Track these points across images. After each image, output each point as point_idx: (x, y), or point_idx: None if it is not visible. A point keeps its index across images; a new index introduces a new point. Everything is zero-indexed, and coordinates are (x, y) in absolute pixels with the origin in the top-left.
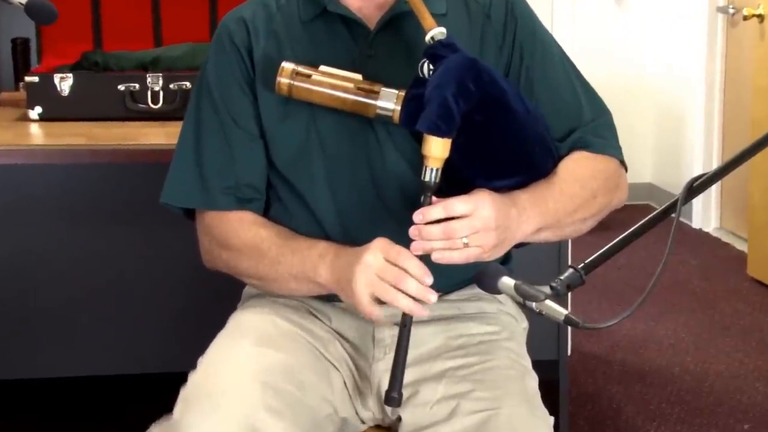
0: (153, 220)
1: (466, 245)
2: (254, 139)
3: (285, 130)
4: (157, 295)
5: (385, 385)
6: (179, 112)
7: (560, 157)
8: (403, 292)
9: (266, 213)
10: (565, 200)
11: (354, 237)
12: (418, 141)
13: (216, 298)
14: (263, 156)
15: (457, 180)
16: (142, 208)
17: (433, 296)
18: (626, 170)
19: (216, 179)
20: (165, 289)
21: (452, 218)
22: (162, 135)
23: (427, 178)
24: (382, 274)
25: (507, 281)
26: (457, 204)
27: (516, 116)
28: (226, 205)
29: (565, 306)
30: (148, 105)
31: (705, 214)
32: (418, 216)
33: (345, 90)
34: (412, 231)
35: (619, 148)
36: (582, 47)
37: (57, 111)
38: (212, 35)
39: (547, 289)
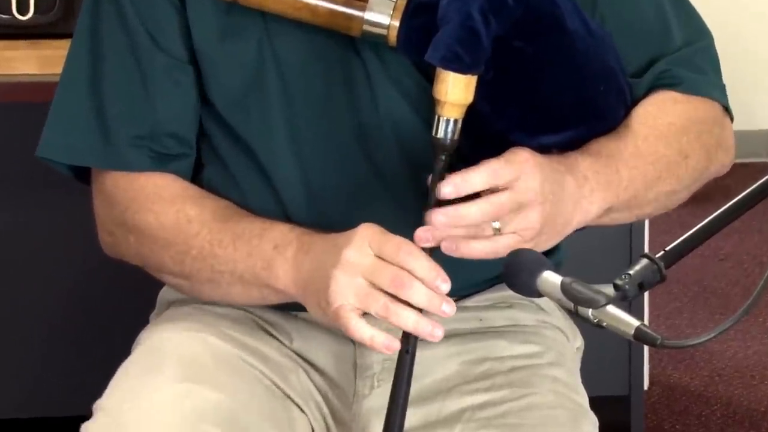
0: (20, 189)
1: (497, 231)
2: (180, 65)
3: (227, 54)
4: (26, 305)
5: None
6: (61, 26)
7: (635, 100)
8: (405, 303)
9: (196, 177)
10: (645, 165)
11: (329, 219)
12: (427, 76)
13: (120, 307)
14: (193, 91)
15: (484, 135)
16: (4, 171)
17: (449, 308)
18: (732, 120)
19: (122, 125)
20: (37, 294)
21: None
22: (34, 60)
23: (440, 134)
24: (375, 277)
25: (550, 278)
26: (478, 175)
27: (573, 40)
28: (136, 164)
29: (638, 315)
30: (13, 15)
31: None
32: (437, 215)
33: None
34: (422, 236)
35: (723, 88)
36: None
37: None
38: None
39: (610, 290)
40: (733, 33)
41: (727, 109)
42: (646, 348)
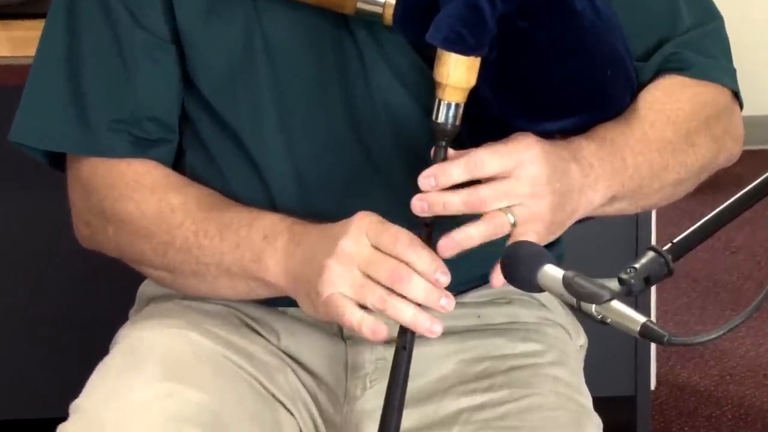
0: None
1: (513, 226)
2: (162, 44)
3: (212, 33)
4: None
5: None
6: (33, 5)
7: (641, 84)
8: (402, 296)
9: (177, 163)
10: (651, 152)
11: (320, 209)
12: (424, 57)
13: (97, 302)
14: (176, 73)
15: (485, 121)
16: None
17: (448, 302)
18: (742, 106)
19: (100, 108)
20: (6, 289)
21: (479, 181)
22: (5, 42)
23: (441, 119)
24: (371, 269)
25: (551, 272)
26: (488, 157)
27: (581, 21)
28: (115, 150)
29: (645, 311)
30: None
31: None
32: (427, 179)
33: None
34: (417, 204)
35: (733, 72)
36: None
37: None
38: None
39: (615, 284)
40: (742, 14)
41: (736, 95)
42: (653, 346)
